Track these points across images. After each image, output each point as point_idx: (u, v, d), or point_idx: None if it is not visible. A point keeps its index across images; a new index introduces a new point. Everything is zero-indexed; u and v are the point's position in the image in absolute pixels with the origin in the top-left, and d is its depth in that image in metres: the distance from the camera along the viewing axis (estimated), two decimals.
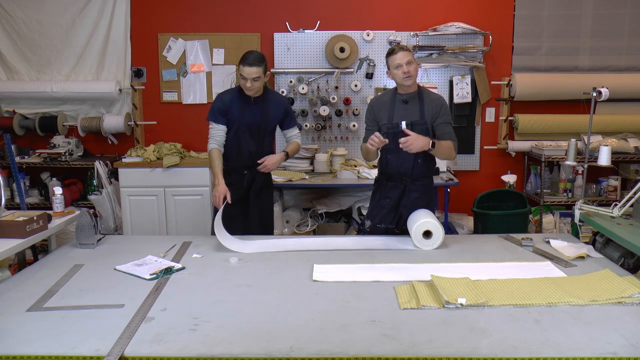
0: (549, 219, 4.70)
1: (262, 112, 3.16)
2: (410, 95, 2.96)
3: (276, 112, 3.22)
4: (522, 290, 2.10)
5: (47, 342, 1.73)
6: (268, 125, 3.22)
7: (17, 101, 4.94)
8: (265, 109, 3.17)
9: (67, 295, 2.14)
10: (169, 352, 1.67)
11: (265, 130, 3.22)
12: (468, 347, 1.68)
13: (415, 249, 2.72)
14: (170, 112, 5.01)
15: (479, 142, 5.01)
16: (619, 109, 4.83)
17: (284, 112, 3.26)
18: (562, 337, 1.74)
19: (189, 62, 4.93)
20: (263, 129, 3.19)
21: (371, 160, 3.09)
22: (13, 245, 2.48)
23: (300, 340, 1.73)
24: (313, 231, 4.50)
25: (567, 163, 3.10)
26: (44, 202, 4.77)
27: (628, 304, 1.98)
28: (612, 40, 4.82)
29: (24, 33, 4.86)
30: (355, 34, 4.82)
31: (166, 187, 4.42)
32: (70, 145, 4.75)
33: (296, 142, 3.33)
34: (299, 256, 2.61)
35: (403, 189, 3.00)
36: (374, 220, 3.07)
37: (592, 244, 2.79)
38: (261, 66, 3.00)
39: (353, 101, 4.88)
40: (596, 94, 3.05)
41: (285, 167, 4.70)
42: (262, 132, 3.19)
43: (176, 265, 2.46)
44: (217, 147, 3.15)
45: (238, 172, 3.22)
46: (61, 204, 3.06)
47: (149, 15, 4.90)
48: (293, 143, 3.33)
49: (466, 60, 4.80)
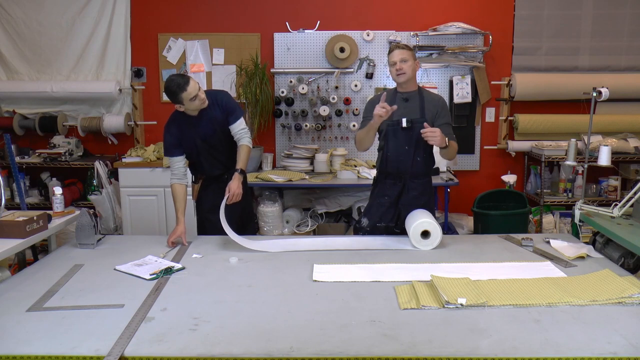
0: (549, 219, 4.70)
1: (210, 120, 3.00)
2: (411, 94, 2.97)
3: (218, 113, 3.01)
4: (522, 290, 2.10)
5: (47, 342, 1.73)
6: (223, 129, 3.05)
7: (17, 101, 4.95)
8: (211, 115, 3.00)
9: (67, 295, 2.14)
10: (169, 352, 1.67)
11: (224, 135, 3.06)
12: (468, 347, 1.68)
13: (414, 249, 2.71)
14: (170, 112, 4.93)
15: (479, 142, 5.01)
16: (619, 109, 4.83)
17: (223, 107, 3.01)
18: (562, 337, 1.74)
19: (189, 62, 4.93)
20: (221, 136, 3.06)
21: (365, 149, 3.00)
22: (13, 245, 2.48)
23: (300, 340, 1.73)
24: (313, 231, 4.50)
25: (567, 163, 3.10)
26: (44, 202, 4.77)
27: (628, 304, 1.98)
28: (612, 40, 4.82)
29: (24, 33, 4.86)
30: (355, 34, 4.82)
31: (166, 187, 4.42)
32: (70, 145, 4.75)
33: (245, 147, 3.01)
34: (299, 256, 2.60)
35: (402, 187, 3.00)
36: (372, 218, 3.06)
37: (592, 244, 2.79)
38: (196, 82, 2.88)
39: (353, 101, 4.88)
40: (596, 94, 3.05)
41: (285, 167, 4.70)
42: (221, 139, 3.06)
43: (176, 265, 2.46)
44: (178, 183, 3.02)
45: (218, 180, 3.13)
46: (61, 204, 3.06)
47: (149, 15, 4.90)
48: (242, 151, 3.01)
49: (466, 60, 4.80)
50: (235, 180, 2.94)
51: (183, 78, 2.85)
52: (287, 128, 4.93)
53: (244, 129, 3.06)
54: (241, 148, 3.03)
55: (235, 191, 2.91)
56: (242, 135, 3.05)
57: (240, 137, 3.05)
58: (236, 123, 3.04)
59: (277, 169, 4.81)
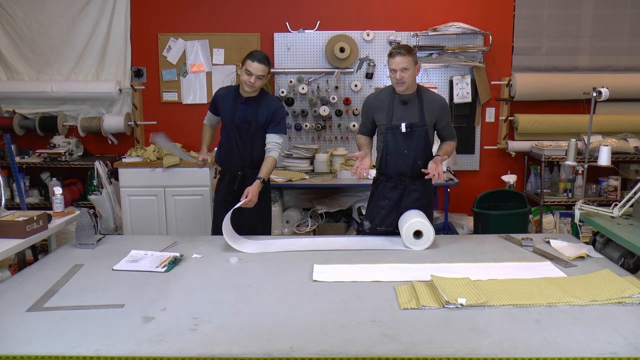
0: (549, 219, 4.70)
1: (252, 112, 3.11)
2: (410, 96, 2.93)
3: (264, 114, 3.13)
4: (522, 290, 2.10)
5: (47, 342, 1.73)
6: (257, 127, 3.13)
7: (17, 101, 4.95)
8: (255, 109, 3.11)
9: (67, 295, 2.14)
10: (169, 352, 1.67)
11: (256, 131, 3.13)
12: (468, 347, 1.68)
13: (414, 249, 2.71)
14: (170, 112, 5.02)
15: (479, 142, 5.02)
16: (619, 109, 4.83)
17: (271, 114, 3.12)
18: (562, 337, 1.74)
19: (189, 62, 4.93)
20: (253, 130, 3.12)
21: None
22: (13, 245, 2.48)
23: (300, 340, 1.73)
24: (313, 231, 4.50)
25: (567, 163, 3.10)
26: (44, 202, 4.77)
27: (628, 304, 1.98)
28: (612, 40, 4.82)
29: (24, 33, 4.86)
30: (355, 34, 4.82)
31: (166, 187, 4.42)
32: (70, 145, 4.75)
33: (271, 159, 3.10)
34: (299, 256, 2.60)
35: (403, 190, 2.98)
36: (373, 221, 3.05)
37: (592, 244, 2.79)
38: (267, 66, 3.02)
39: (353, 101, 4.88)
40: (596, 94, 3.05)
41: (285, 167, 4.70)
42: (251, 133, 3.13)
43: (177, 254, 2.56)
44: (207, 124, 3.36)
45: (232, 175, 3.20)
46: (61, 204, 3.05)
47: (149, 15, 4.90)
48: (268, 162, 3.09)
49: (466, 60, 4.80)
50: (254, 186, 2.98)
51: (264, 57, 3.02)
52: (287, 128, 4.93)
53: (278, 143, 3.16)
54: (268, 159, 3.12)
55: (253, 198, 2.96)
56: (274, 148, 3.15)
57: (272, 149, 3.14)
58: (274, 135, 3.15)
59: (277, 169, 4.79)
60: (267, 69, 3.02)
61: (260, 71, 2.98)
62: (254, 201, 2.97)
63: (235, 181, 3.17)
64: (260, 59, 2.99)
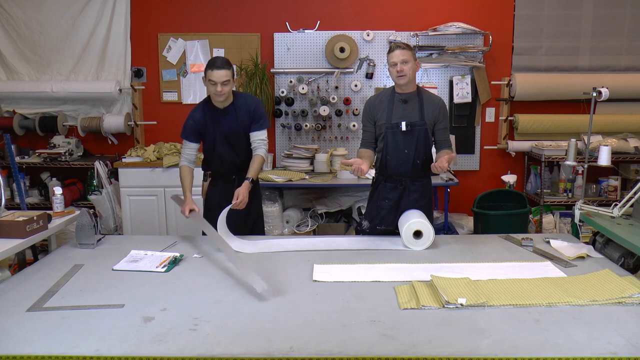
0: (549, 219, 4.70)
1: (235, 119, 3.06)
2: (410, 95, 2.93)
3: (245, 116, 3.08)
4: (522, 290, 2.10)
5: (47, 342, 1.73)
6: (245, 130, 3.09)
7: (17, 101, 4.95)
8: (237, 115, 3.06)
9: (67, 295, 2.14)
10: (169, 352, 1.67)
11: (244, 136, 3.10)
12: (468, 347, 1.68)
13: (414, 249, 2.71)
14: (170, 112, 5.01)
15: (479, 142, 5.02)
16: (619, 109, 4.83)
17: (252, 113, 3.08)
18: (562, 337, 1.74)
19: (189, 62, 4.94)
20: (242, 136, 3.10)
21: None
22: (13, 245, 2.48)
23: (300, 340, 1.73)
24: (313, 231, 4.50)
25: (567, 163, 3.10)
26: (44, 202, 4.77)
27: (628, 304, 1.98)
28: (612, 40, 4.82)
29: (24, 33, 4.87)
30: (355, 34, 4.82)
31: (166, 187, 4.42)
32: (70, 145, 4.75)
33: (259, 157, 3.07)
34: (299, 256, 2.60)
35: (403, 190, 2.98)
36: (372, 221, 3.04)
37: (592, 244, 2.79)
38: (230, 69, 2.92)
39: (353, 101, 4.88)
40: (596, 94, 3.05)
41: (285, 167, 4.70)
42: (240, 138, 3.10)
43: (177, 254, 2.57)
44: (187, 165, 3.12)
45: (226, 179, 3.17)
46: (61, 204, 3.06)
47: (149, 15, 4.90)
48: (255, 161, 3.07)
49: (466, 60, 4.80)
50: (244, 187, 2.97)
51: (223, 62, 2.91)
52: (287, 128, 4.93)
53: (263, 140, 3.11)
54: (255, 158, 3.09)
55: (243, 199, 2.94)
56: (259, 146, 3.11)
57: (257, 147, 3.11)
58: (258, 132, 3.10)
59: (277, 169, 4.81)
60: (229, 72, 2.92)
61: (223, 77, 2.89)
62: (245, 202, 2.95)
63: (232, 184, 3.10)
64: (219, 65, 2.89)
